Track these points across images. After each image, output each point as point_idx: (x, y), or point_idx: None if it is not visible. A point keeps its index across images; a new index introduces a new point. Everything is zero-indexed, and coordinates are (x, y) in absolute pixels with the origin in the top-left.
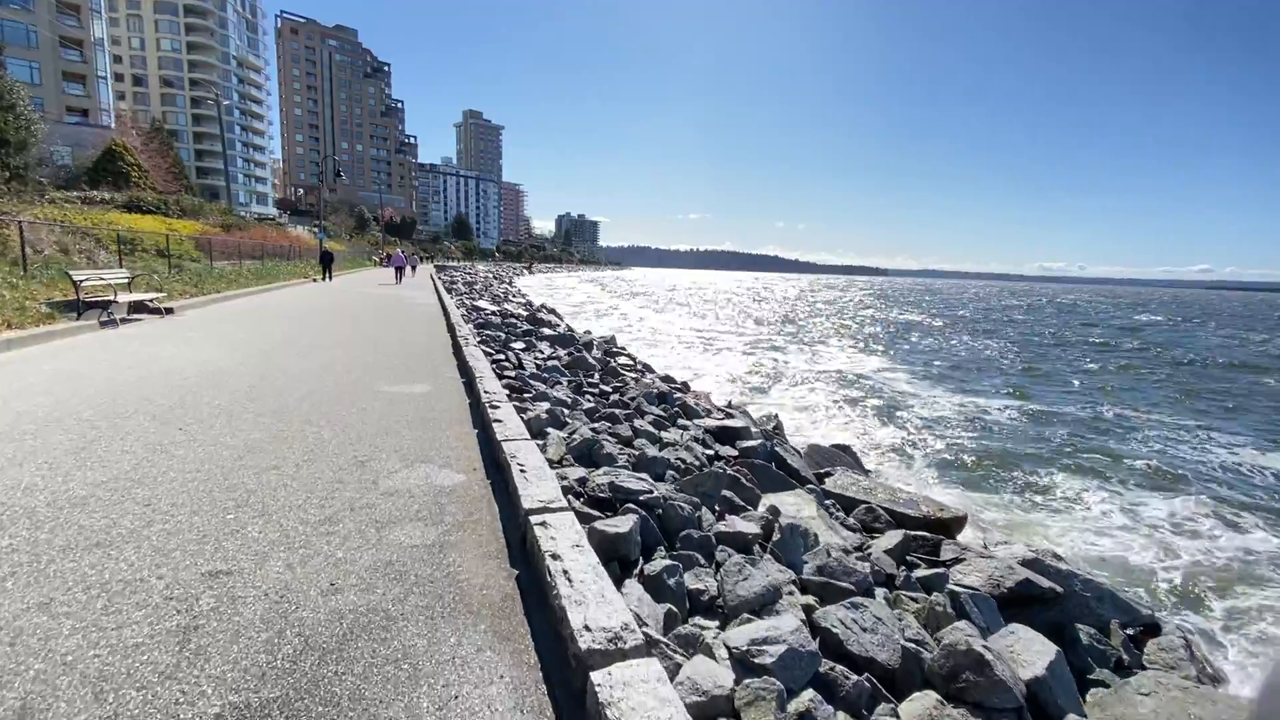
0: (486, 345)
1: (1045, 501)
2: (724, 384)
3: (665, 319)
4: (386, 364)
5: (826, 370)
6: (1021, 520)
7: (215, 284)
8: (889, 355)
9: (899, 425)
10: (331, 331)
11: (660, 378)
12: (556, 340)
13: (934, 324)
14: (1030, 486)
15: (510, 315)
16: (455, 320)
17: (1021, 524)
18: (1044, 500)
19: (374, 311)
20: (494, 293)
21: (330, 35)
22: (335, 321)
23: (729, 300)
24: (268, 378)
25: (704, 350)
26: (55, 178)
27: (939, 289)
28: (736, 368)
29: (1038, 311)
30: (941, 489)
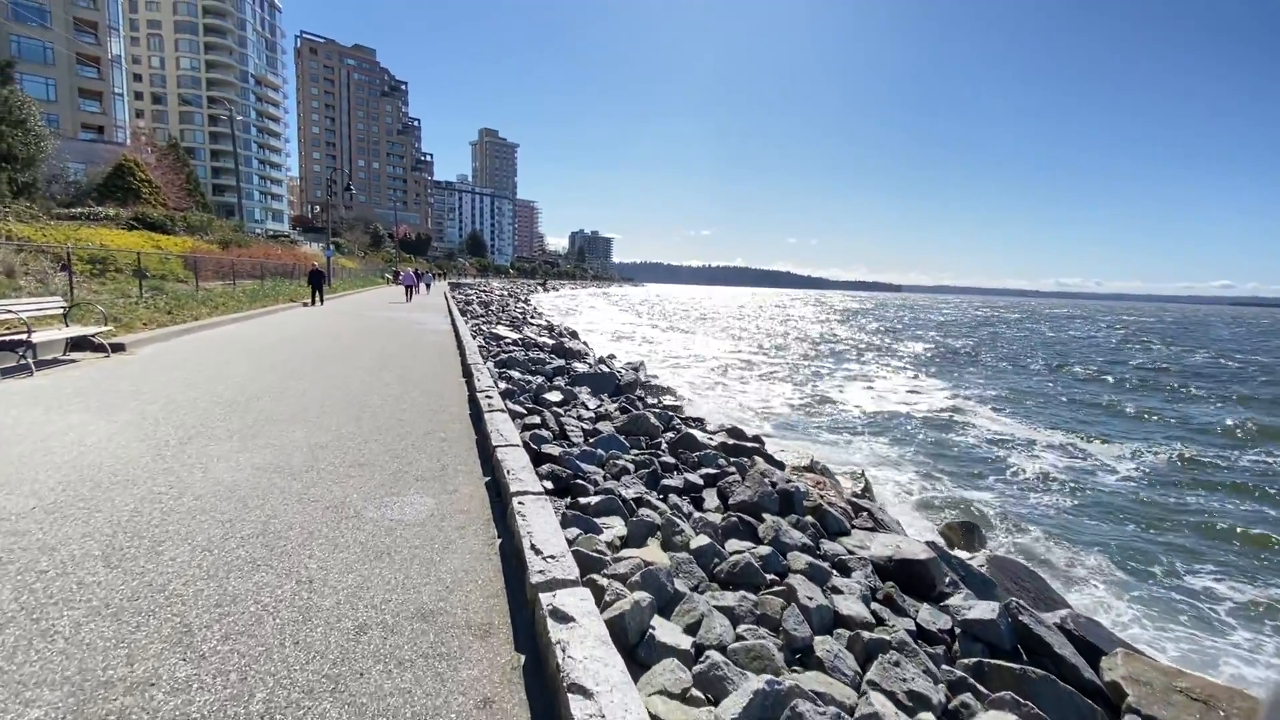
0: (513, 398)
1: None
2: (787, 429)
3: (690, 341)
4: (372, 452)
5: (891, 404)
6: None
7: (196, 309)
8: (947, 380)
9: (1014, 490)
10: (306, 383)
11: (762, 454)
12: (595, 382)
13: (973, 340)
14: None
15: (534, 344)
16: (472, 358)
17: None
18: None
19: (371, 347)
20: (512, 314)
21: (349, 54)
22: (318, 364)
23: (750, 318)
24: (172, 493)
25: (743, 378)
26: (65, 194)
27: (982, 305)
28: (791, 404)
29: (1091, 324)
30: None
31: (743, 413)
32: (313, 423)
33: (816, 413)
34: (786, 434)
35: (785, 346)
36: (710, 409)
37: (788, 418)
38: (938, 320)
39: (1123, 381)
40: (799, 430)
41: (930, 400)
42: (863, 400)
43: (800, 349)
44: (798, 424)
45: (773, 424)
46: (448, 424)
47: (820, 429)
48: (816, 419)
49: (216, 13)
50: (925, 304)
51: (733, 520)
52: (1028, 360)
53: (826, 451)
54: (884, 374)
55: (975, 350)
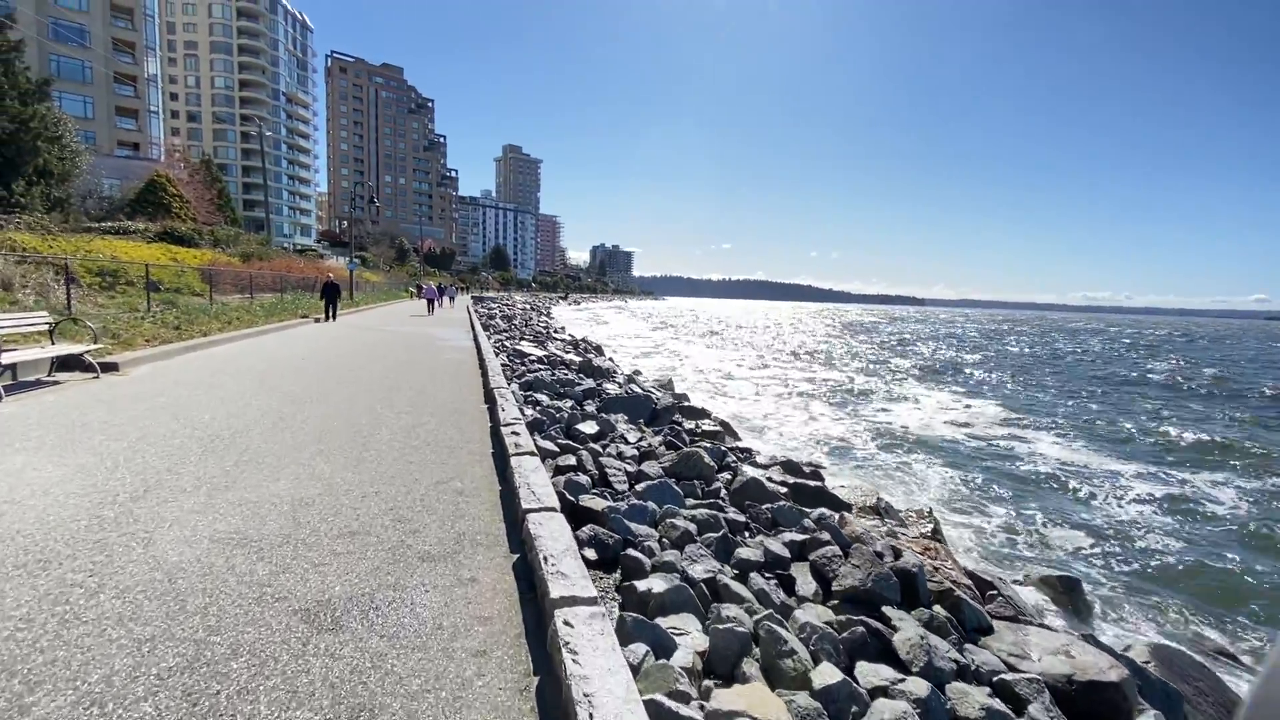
0: (543, 430)
1: None
2: (836, 455)
3: (714, 354)
4: (369, 512)
5: (939, 425)
6: None
7: (207, 324)
8: (993, 398)
9: (1103, 528)
10: (307, 411)
11: (825, 495)
12: (630, 407)
13: (1007, 355)
14: None
15: (560, 362)
16: (495, 380)
17: None
18: None
19: (386, 366)
20: (535, 329)
21: (377, 73)
22: (325, 387)
23: (772, 331)
24: (90, 584)
25: (777, 395)
26: (99, 209)
27: (1011, 319)
28: (833, 425)
29: (1122, 338)
30: None
31: (784, 436)
32: (303, 467)
33: (862, 435)
34: (836, 460)
35: (812, 360)
36: (760, 438)
37: (832, 441)
38: (966, 334)
39: (1179, 399)
40: (848, 456)
41: (981, 421)
42: (909, 420)
43: (829, 363)
44: (845, 449)
45: (819, 449)
46: (466, 468)
47: (870, 454)
48: (864, 443)
49: (250, 33)
50: (948, 318)
51: (854, 626)
52: (1073, 376)
53: (881, 481)
54: (923, 390)
55: (1014, 365)
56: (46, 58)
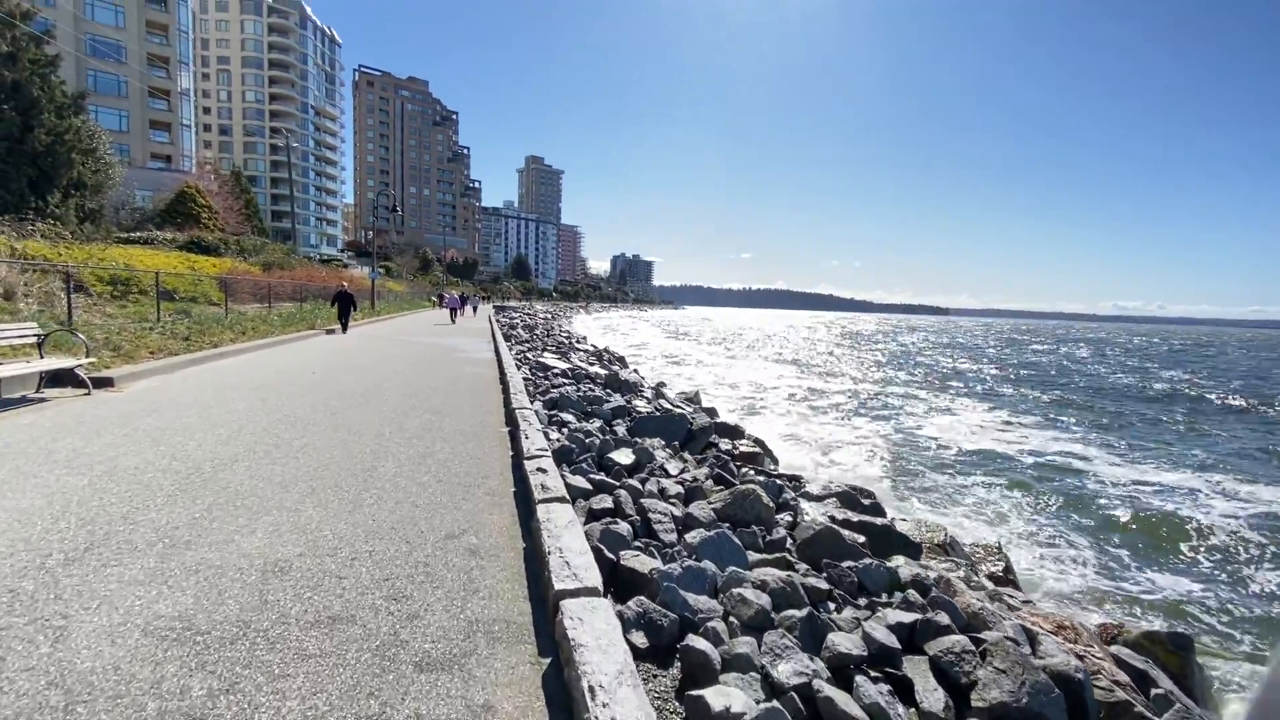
0: (571, 460)
1: None
2: (884, 478)
3: (738, 364)
4: (358, 582)
5: (986, 442)
6: None
7: (219, 334)
8: (1036, 413)
9: (1194, 565)
10: (307, 438)
11: (894, 534)
12: (664, 428)
13: (1041, 365)
14: None
15: (585, 375)
16: (517, 399)
17: None
18: None
19: (401, 382)
20: (557, 339)
21: (403, 86)
22: (332, 407)
23: (795, 340)
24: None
25: (811, 408)
26: (130, 219)
27: (1051, 331)
28: (875, 444)
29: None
30: None
31: (818, 452)
32: (288, 513)
33: (903, 451)
34: (884, 480)
35: (839, 371)
36: (792, 453)
37: (878, 462)
38: (990, 344)
39: (1241, 415)
40: (897, 480)
41: (1030, 437)
42: (953, 437)
43: (857, 374)
44: (892, 471)
45: (861, 467)
46: (482, 514)
47: (919, 477)
48: (911, 464)
49: (281, 48)
50: (972, 327)
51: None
52: (1115, 388)
53: (936, 505)
54: (961, 404)
55: (1051, 377)
56: (84, 73)
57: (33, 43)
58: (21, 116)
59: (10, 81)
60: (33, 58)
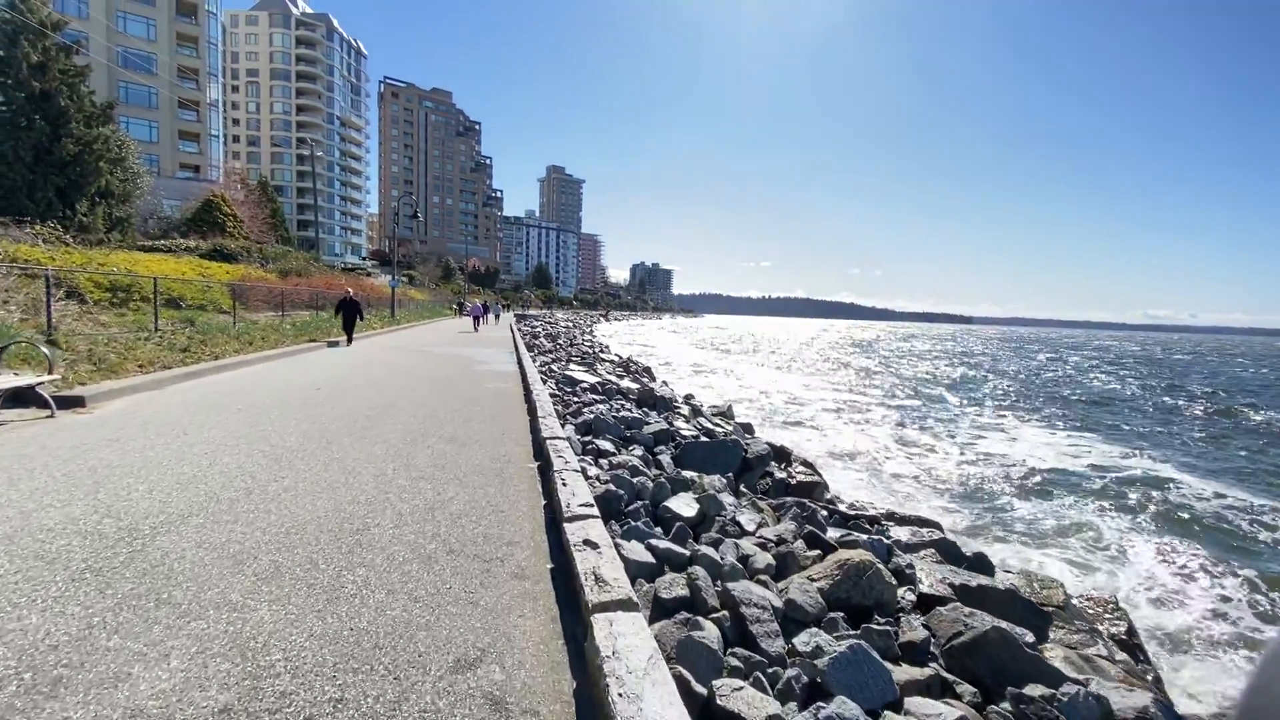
0: (620, 515)
1: None
2: (952, 511)
3: (767, 375)
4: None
5: (1062, 464)
6: None
7: (222, 345)
8: (1100, 431)
9: None
10: (290, 479)
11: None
12: (715, 456)
13: (1088, 377)
14: None
15: (615, 389)
16: (547, 425)
17: None
18: None
19: (414, 401)
20: (581, 349)
21: (427, 97)
22: (329, 435)
23: (820, 349)
24: None
25: (855, 427)
26: (158, 228)
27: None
28: (937, 467)
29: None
30: None
31: (879, 477)
32: (228, 616)
33: (967, 476)
34: (956, 513)
35: (868, 381)
36: (841, 473)
37: (937, 483)
38: (1033, 353)
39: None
40: (964, 506)
41: (1105, 458)
42: (1010, 451)
43: (887, 384)
44: (958, 495)
45: (931, 499)
46: (508, 617)
47: (985, 502)
48: (972, 485)
49: (308, 60)
50: (995, 335)
51: None
52: (1171, 401)
53: (1020, 542)
54: (1014, 421)
55: (1103, 390)
56: (115, 84)
57: (63, 53)
58: (50, 126)
59: (40, 91)
60: (62, 68)
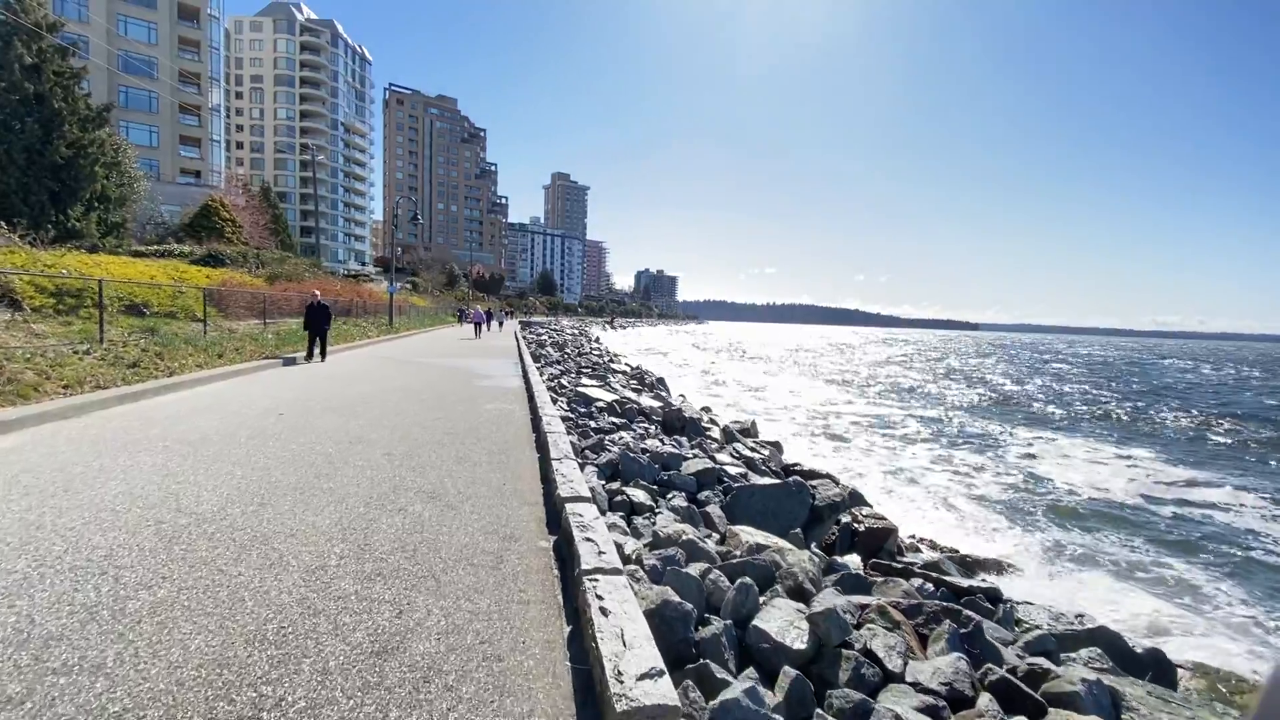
0: (685, 629)
1: None
2: (1025, 549)
3: (782, 384)
4: None
5: (1133, 489)
6: None
7: (182, 359)
8: (1153, 447)
9: None
10: (169, 590)
11: None
12: (776, 506)
13: (1127, 386)
14: None
15: (638, 411)
16: (562, 471)
17: None
18: None
19: (397, 432)
20: (591, 359)
21: (433, 104)
22: (279, 484)
23: (837, 358)
24: None
25: (888, 445)
26: (155, 233)
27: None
28: (985, 496)
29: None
30: None
31: (935, 508)
32: None
33: (1029, 506)
34: (1032, 554)
35: (891, 392)
36: (891, 503)
37: (999, 517)
38: (1050, 362)
39: None
40: (1032, 542)
41: (1158, 472)
42: (1064, 475)
43: (911, 395)
44: (1030, 535)
45: (998, 539)
46: None
47: (1058, 538)
48: (1040, 519)
49: (313, 66)
50: (1011, 341)
51: None
52: (1218, 411)
53: (1112, 593)
54: (1052, 431)
55: (1131, 399)
56: (115, 88)
57: (58, 55)
58: (43, 128)
59: (33, 93)
60: (57, 69)
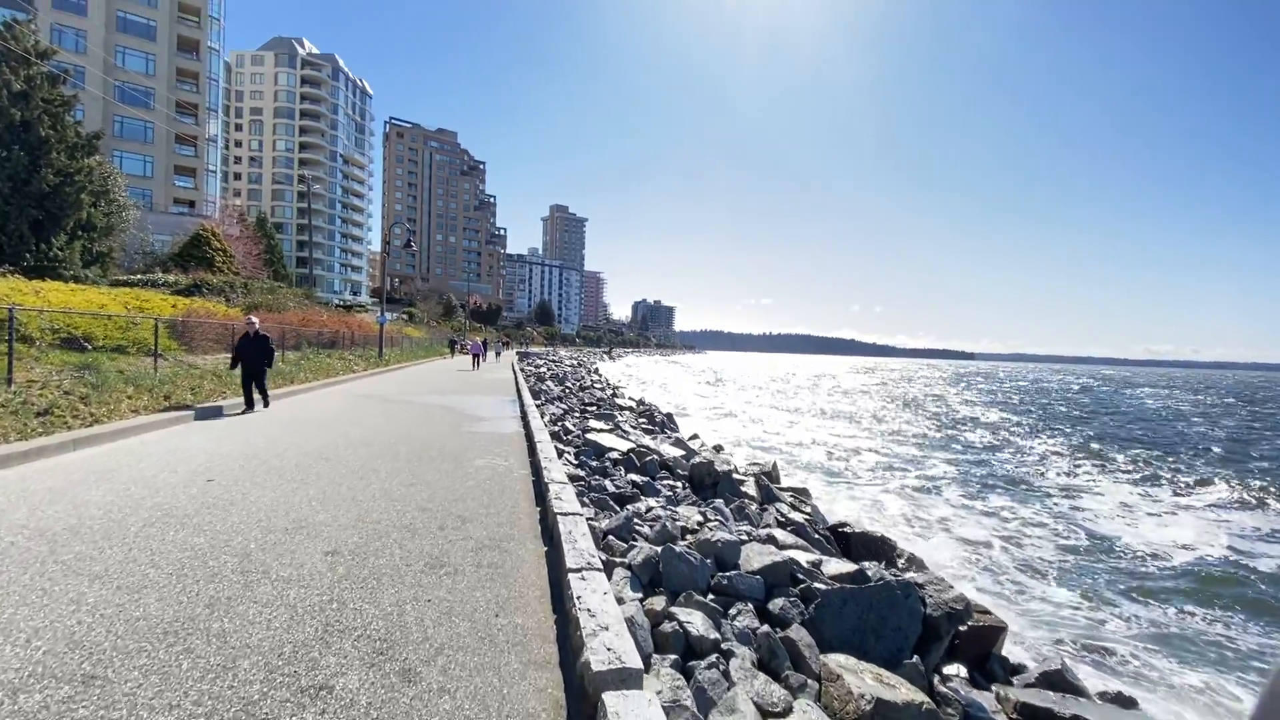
0: None
1: None
2: (1103, 628)
3: (795, 420)
4: None
5: (1184, 545)
6: None
7: (114, 403)
8: (1196, 482)
9: None
10: None
11: None
12: (878, 622)
13: (1158, 420)
14: None
15: (660, 464)
16: (585, 596)
17: None
18: None
19: (349, 510)
20: (595, 394)
21: (432, 137)
22: (154, 623)
23: (840, 390)
24: None
25: (919, 490)
26: (143, 263)
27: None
28: (1044, 556)
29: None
30: None
31: (996, 572)
32: None
33: (1100, 570)
34: (1119, 641)
35: (907, 427)
36: (945, 561)
37: (1070, 584)
38: (1058, 392)
39: None
40: (1111, 624)
41: (1226, 520)
42: (1132, 528)
43: (928, 429)
44: (1110, 613)
45: (1078, 619)
46: None
47: (1148, 617)
48: (1117, 586)
49: (313, 99)
50: (1012, 371)
51: None
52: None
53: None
54: (1096, 470)
55: (1168, 432)
56: (111, 117)
57: (48, 82)
58: (29, 156)
59: (20, 120)
60: (46, 96)
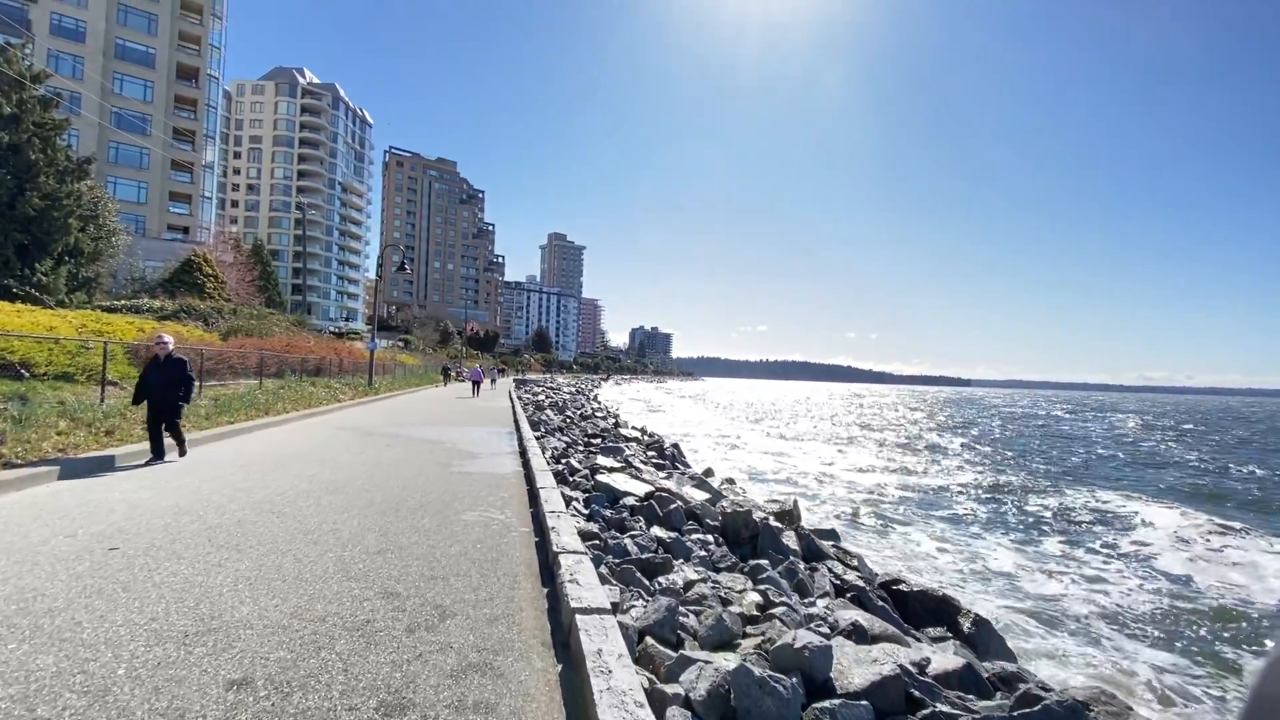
0: None
1: None
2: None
3: (791, 447)
4: None
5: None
6: None
7: (33, 443)
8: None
9: None
10: None
11: None
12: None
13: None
14: None
15: (687, 514)
16: None
17: None
18: None
19: (261, 626)
20: (597, 424)
21: (431, 166)
22: None
23: (845, 417)
24: None
25: (953, 528)
26: (132, 288)
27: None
28: (1119, 619)
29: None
30: None
31: (1030, 618)
32: None
33: (1193, 635)
34: None
35: (922, 456)
36: (1020, 621)
37: (1130, 637)
38: (1068, 417)
39: None
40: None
41: None
42: (1246, 583)
43: (946, 459)
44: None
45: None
46: None
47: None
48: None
49: (312, 127)
50: (1007, 399)
51: None
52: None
53: None
54: (1140, 501)
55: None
56: (106, 143)
57: (40, 106)
58: (16, 179)
59: (8, 143)
60: (37, 120)
